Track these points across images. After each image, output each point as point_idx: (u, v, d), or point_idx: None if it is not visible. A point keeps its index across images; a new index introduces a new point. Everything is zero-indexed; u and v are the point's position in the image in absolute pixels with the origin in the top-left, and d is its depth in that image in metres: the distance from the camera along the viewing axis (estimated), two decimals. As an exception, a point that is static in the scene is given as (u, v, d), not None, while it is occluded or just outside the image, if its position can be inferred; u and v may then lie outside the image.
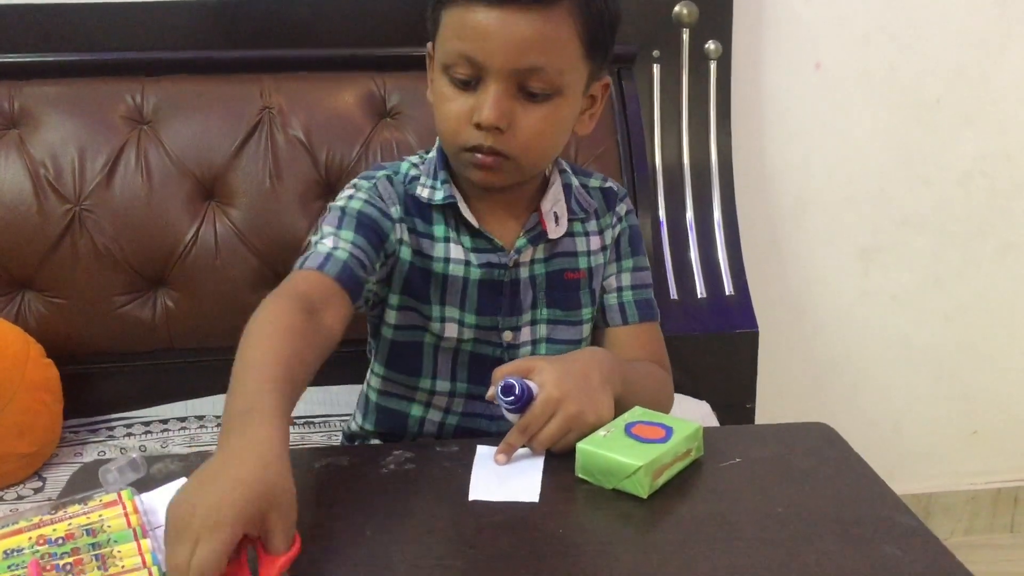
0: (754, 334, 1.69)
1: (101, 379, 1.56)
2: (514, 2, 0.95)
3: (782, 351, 1.92)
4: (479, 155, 1.02)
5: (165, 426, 1.52)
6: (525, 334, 1.13)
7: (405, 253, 1.09)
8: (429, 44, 1.07)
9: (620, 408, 0.99)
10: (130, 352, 1.54)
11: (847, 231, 1.94)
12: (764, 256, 1.87)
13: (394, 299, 1.11)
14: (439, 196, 1.09)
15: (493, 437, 0.98)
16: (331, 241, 1.02)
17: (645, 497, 0.88)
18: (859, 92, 1.85)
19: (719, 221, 1.72)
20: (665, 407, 1.15)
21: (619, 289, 1.18)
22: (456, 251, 1.09)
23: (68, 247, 1.48)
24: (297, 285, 0.97)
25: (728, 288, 1.71)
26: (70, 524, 0.79)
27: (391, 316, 1.12)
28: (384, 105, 1.59)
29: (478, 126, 1.00)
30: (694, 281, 1.70)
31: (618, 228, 1.18)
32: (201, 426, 1.52)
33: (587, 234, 1.15)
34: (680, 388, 1.66)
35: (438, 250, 1.09)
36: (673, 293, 1.69)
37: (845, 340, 2.01)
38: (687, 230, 1.71)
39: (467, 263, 1.09)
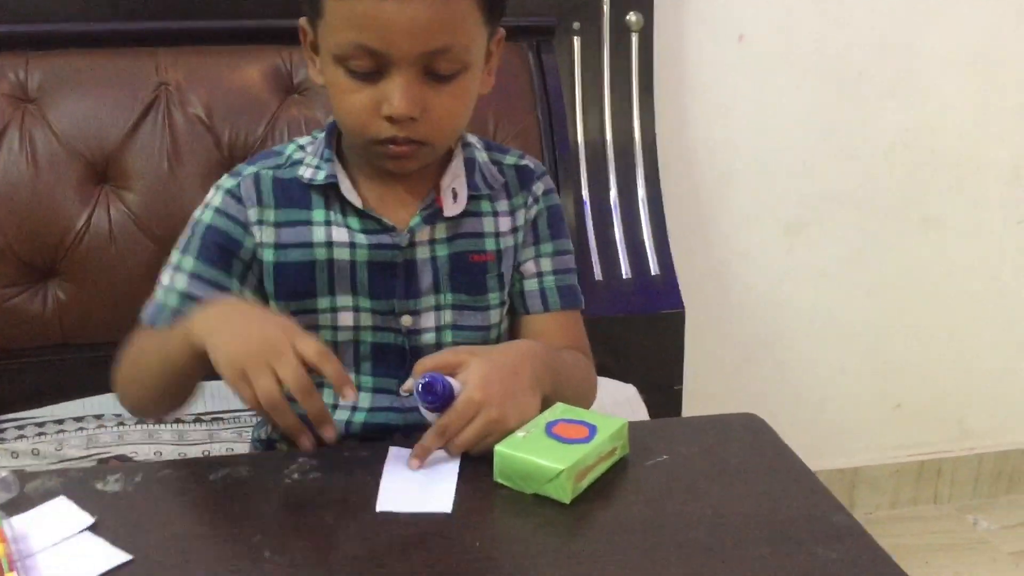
0: (680, 314, 1.65)
1: (-11, 378, 1.45)
2: None
3: (709, 330, 1.89)
4: (393, 146, 0.97)
5: (61, 427, 1.42)
6: (428, 320, 1.06)
7: (268, 255, 1.03)
8: (303, 20, 1.00)
9: (547, 404, 0.94)
10: (20, 348, 1.44)
11: (772, 206, 1.91)
12: (689, 234, 1.83)
13: (277, 305, 1.04)
14: (320, 176, 1.03)
15: (404, 435, 0.92)
16: (168, 278, 1.03)
17: (568, 502, 0.83)
18: (783, 65, 1.82)
19: (643, 199, 1.67)
20: (590, 400, 1.11)
21: (539, 274, 1.12)
22: (339, 234, 1.03)
23: (-53, 237, 1.38)
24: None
25: (653, 268, 1.66)
26: (-74, 558, 0.71)
27: None
28: (291, 80, 1.50)
29: (389, 119, 0.94)
30: (618, 261, 1.65)
31: (535, 209, 1.11)
32: (100, 425, 1.42)
33: (495, 214, 1.09)
34: (606, 371, 1.63)
35: (317, 235, 1.03)
36: (597, 274, 1.64)
37: (771, 317, 1.99)
38: (611, 209, 1.66)
39: (352, 245, 1.03)
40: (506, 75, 1.57)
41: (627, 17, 1.65)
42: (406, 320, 1.05)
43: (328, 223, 1.03)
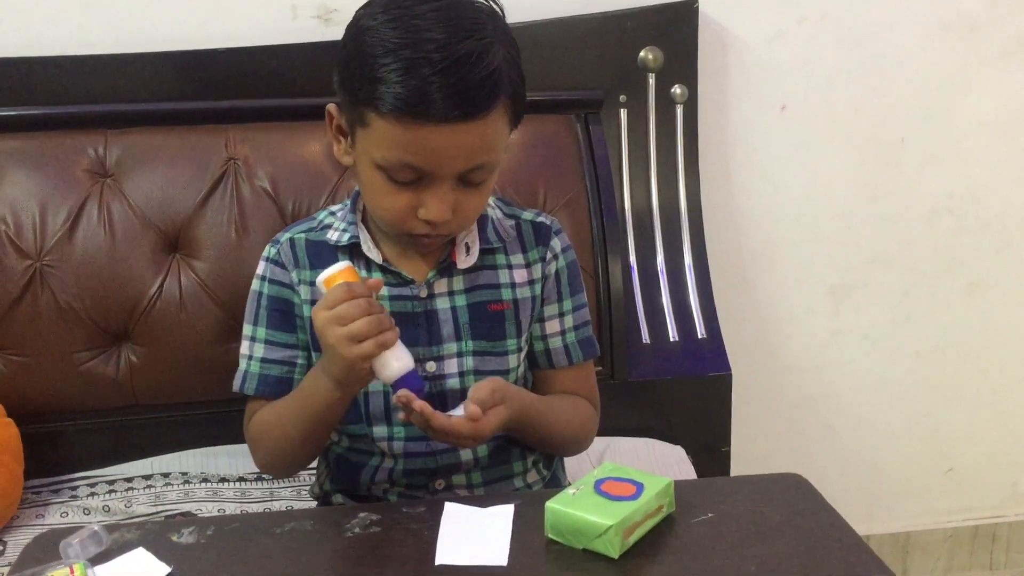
0: (727, 377, 1.68)
1: (64, 437, 1.52)
2: (462, 119, 0.96)
3: (756, 392, 1.92)
4: (426, 239, 1.06)
5: (130, 484, 1.49)
6: (451, 366, 1.13)
7: (306, 311, 1.13)
8: (332, 107, 1.08)
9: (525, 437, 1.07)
10: (93, 409, 1.51)
11: (817, 270, 1.94)
12: (735, 297, 1.87)
13: (315, 356, 1.13)
14: (345, 238, 1.12)
15: (444, 477, 0.96)
16: (246, 348, 1.15)
17: (616, 557, 0.86)
18: (825, 133, 1.86)
19: (690, 264, 1.72)
20: (580, 440, 1.22)
21: (563, 332, 1.20)
22: None
23: (29, 304, 1.46)
24: (254, 411, 1.15)
25: (700, 331, 1.70)
26: (20, 603, 0.77)
27: None
28: (350, 154, 1.58)
29: (427, 221, 1.03)
30: (666, 325, 1.69)
31: (554, 265, 1.19)
32: (167, 484, 1.49)
33: (510, 267, 1.16)
34: (654, 433, 1.67)
35: None
36: (645, 337, 1.68)
37: (818, 379, 2.00)
38: (658, 274, 1.70)
39: (376, 298, 1.09)
40: (555, 146, 1.65)
41: (672, 90, 1.71)
42: (431, 366, 1.12)
43: None
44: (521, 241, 1.18)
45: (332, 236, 1.14)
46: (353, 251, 1.13)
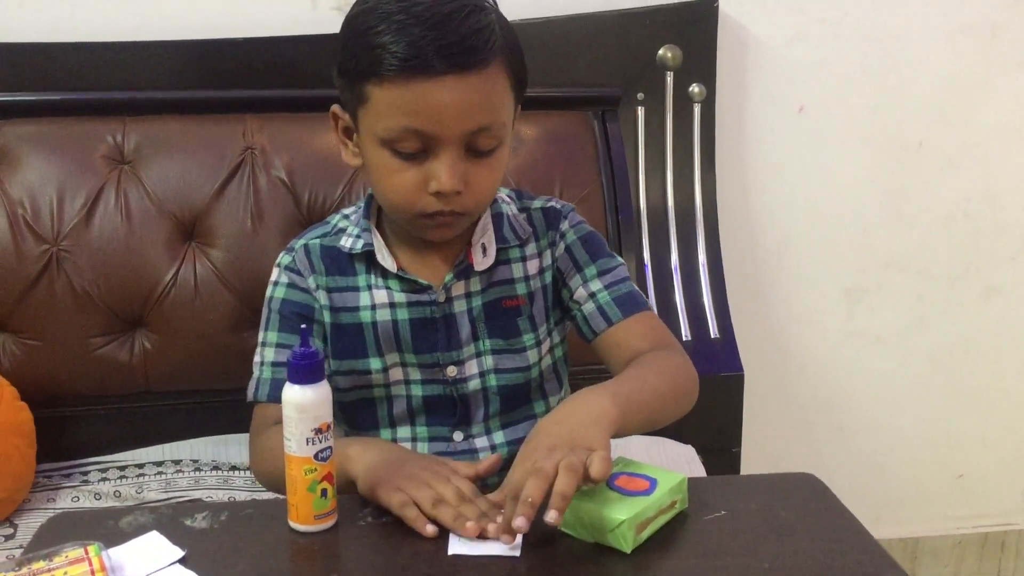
0: (739, 377, 1.68)
1: (76, 422, 1.53)
2: (457, 70, 0.96)
3: (768, 393, 1.91)
4: (439, 218, 1.04)
5: (141, 471, 1.49)
6: (472, 367, 1.12)
7: (326, 316, 1.12)
8: (335, 107, 1.08)
9: (638, 424, 0.98)
10: (107, 395, 1.52)
11: (831, 272, 1.93)
12: (749, 298, 1.86)
13: (332, 364, 1.13)
14: (359, 245, 1.11)
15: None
16: (258, 355, 1.13)
17: (629, 552, 0.86)
18: (842, 134, 1.85)
19: (704, 263, 1.71)
20: (691, 391, 1.11)
21: (592, 295, 1.14)
22: (380, 296, 1.11)
23: (45, 288, 1.46)
24: (263, 420, 1.11)
25: (713, 330, 1.70)
26: (35, 582, 0.77)
27: (335, 381, 1.13)
28: (367, 146, 1.58)
29: (437, 194, 1.01)
30: (679, 324, 1.69)
31: (561, 245, 1.16)
32: (178, 471, 1.49)
33: (524, 259, 1.15)
34: (665, 431, 1.66)
35: (363, 299, 1.11)
36: (658, 335, 1.67)
37: (830, 382, 2.00)
38: (672, 272, 1.70)
39: (392, 305, 1.11)
40: (572, 142, 1.65)
41: (690, 88, 1.70)
42: (451, 371, 1.12)
43: (370, 287, 1.11)
44: (534, 231, 1.16)
45: (346, 243, 1.12)
46: (368, 258, 1.12)
